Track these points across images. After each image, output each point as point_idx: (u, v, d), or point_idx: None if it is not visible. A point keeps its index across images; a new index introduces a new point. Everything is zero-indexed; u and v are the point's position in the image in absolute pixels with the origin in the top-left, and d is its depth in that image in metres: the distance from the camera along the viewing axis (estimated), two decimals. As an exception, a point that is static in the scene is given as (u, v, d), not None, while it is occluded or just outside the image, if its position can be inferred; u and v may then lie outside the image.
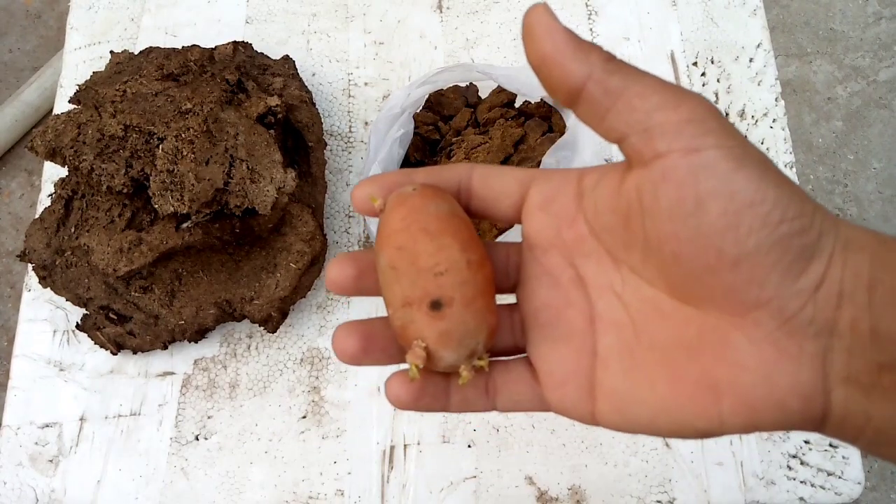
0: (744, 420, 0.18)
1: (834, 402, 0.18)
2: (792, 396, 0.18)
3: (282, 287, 0.44)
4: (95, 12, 0.59)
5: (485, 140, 0.46)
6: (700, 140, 0.17)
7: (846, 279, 0.17)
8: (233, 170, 0.41)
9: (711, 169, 0.17)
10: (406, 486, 0.44)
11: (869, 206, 1.12)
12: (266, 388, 0.47)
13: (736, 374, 0.18)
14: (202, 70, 0.47)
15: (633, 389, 0.20)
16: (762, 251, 0.17)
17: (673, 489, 0.44)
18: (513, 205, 0.22)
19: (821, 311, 0.17)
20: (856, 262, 0.17)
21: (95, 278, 0.45)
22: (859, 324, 0.17)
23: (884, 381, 0.17)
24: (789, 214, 0.17)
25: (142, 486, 0.45)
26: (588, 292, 0.21)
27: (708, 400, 0.18)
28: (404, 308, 0.19)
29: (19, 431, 0.46)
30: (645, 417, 0.19)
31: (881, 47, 1.22)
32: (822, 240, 0.17)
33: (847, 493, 0.44)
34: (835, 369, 0.17)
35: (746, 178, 0.17)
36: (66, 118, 0.43)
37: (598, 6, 0.57)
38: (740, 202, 0.17)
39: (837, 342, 0.17)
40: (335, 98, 0.55)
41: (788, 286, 0.17)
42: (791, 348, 0.18)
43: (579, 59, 0.18)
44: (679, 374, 0.19)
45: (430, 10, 0.58)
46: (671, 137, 0.17)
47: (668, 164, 0.17)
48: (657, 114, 0.17)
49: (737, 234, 0.17)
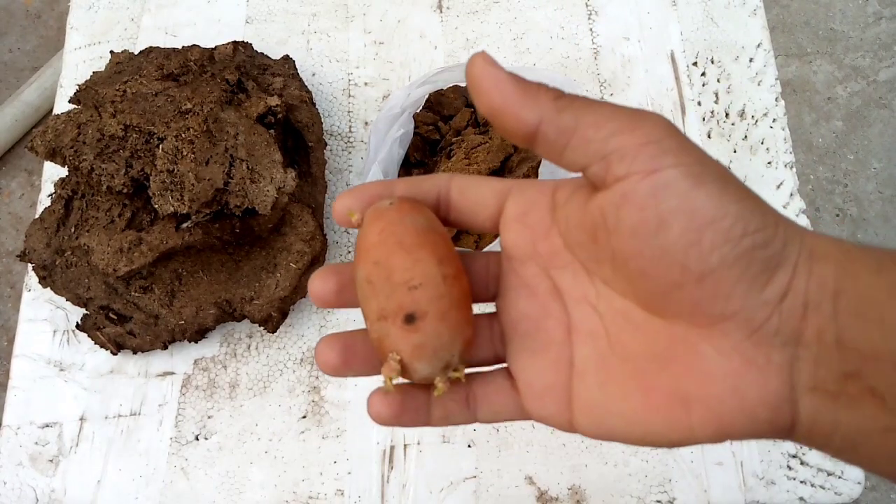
0: (714, 430, 0.18)
1: (802, 410, 0.18)
2: (760, 406, 0.18)
3: (282, 287, 0.44)
4: (95, 12, 0.59)
5: (485, 140, 0.47)
6: (658, 160, 0.17)
7: (811, 289, 0.17)
8: (233, 170, 0.41)
9: (671, 188, 0.17)
10: (406, 486, 0.44)
11: (869, 206, 1.12)
12: (266, 388, 0.47)
13: (705, 385, 0.18)
14: (202, 70, 0.47)
15: (608, 401, 0.20)
16: (726, 265, 0.17)
17: (673, 489, 0.44)
18: (490, 216, 0.22)
19: (786, 322, 0.18)
20: (821, 271, 0.18)
21: (95, 278, 0.45)
22: (825, 333, 0.17)
23: (849, 389, 0.17)
24: (751, 228, 0.17)
25: (142, 486, 0.45)
26: (565, 303, 0.21)
27: (678, 411, 0.19)
28: (380, 322, 0.20)
29: (19, 431, 0.46)
30: (619, 428, 0.20)
31: (881, 47, 1.22)
32: (787, 250, 0.18)
33: (847, 492, 0.44)
34: (802, 379, 0.18)
35: (707, 195, 0.17)
36: (66, 118, 0.43)
37: (598, 6, 0.57)
38: (701, 219, 0.17)
39: (804, 352, 0.18)
40: (335, 98, 0.55)
41: (754, 298, 0.18)
42: (759, 359, 0.18)
43: (528, 105, 0.18)
44: (651, 386, 0.19)
45: (430, 10, 0.58)
46: (629, 161, 0.18)
47: (628, 186, 0.18)
48: (613, 140, 0.18)
49: (700, 251, 0.17)
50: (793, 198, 0.51)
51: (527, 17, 0.57)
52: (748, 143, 0.53)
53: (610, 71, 0.55)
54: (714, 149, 0.53)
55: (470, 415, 0.22)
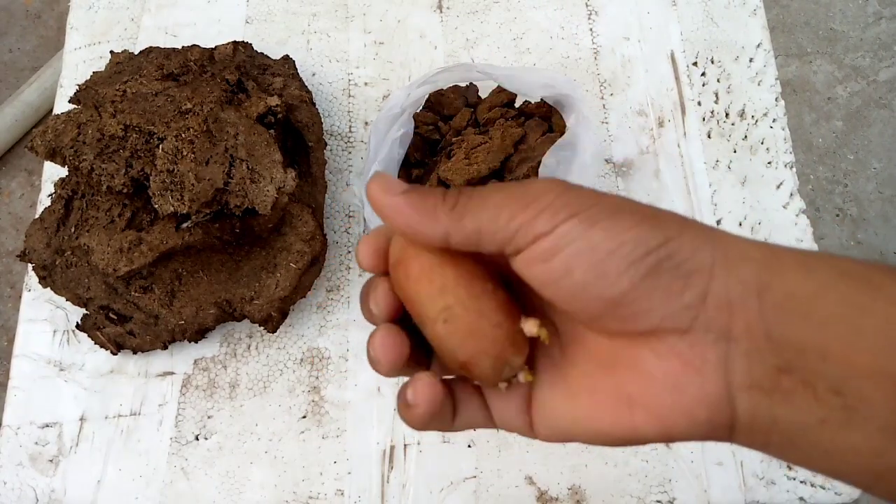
0: (656, 429, 0.20)
1: (739, 409, 0.19)
2: (698, 406, 0.19)
3: (282, 287, 0.44)
4: (95, 12, 0.59)
5: (485, 140, 0.46)
6: (553, 220, 0.19)
7: (732, 287, 0.18)
8: (233, 170, 0.41)
9: (568, 235, 0.19)
10: (406, 486, 0.44)
11: (869, 205, 1.12)
12: (266, 388, 0.47)
13: (646, 386, 0.20)
14: (202, 70, 0.47)
15: (559, 404, 0.22)
16: (636, 286, 0.19)
17: (673, 489, 0.44)
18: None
19: (714, 319, 0.19)
20: (742, 270, 0.19)
21: (95, 278, 0.45)
22: (753, 328, 0.18)
23: (783, 383, 0.18)
24: (652, 246, 0.19)
25: (142, 486, 0.45)
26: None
27: (623, 411, 0.20)
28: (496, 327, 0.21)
29: (19, 431, 0.46)
30: (569, 428, 0.21)
31: (881, 47, 1.22)
32: (697, 256, 0.19)
33: (847, 492, 0.44)
34: (737, 376, 0.19)
35: (602, 230, 0.19)
36: (66, 118, 0.43)
37: (598, 6, 0.57)
38: (601, 252, 0.19)
39: (735, 347, 0.19)
40: (335, 98, 0.55)
41: (674, 303, 0.19)
42: (695, 359, 0.19)
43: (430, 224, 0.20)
44: (597, 389, 0.21)
45: (430, 10, 0.58)
46: (531, 231, 0.19)
47: (535, 248, 0.19)
48: (513, 223, 0.19)
49: (607, 281, 0.19)
50: (793, 198, 0.51)
51: (527, 17, 0.57)
52: (748, 143, 0.53)
53: (610, 71, 0.55)
54: (714, 149, 0.53)
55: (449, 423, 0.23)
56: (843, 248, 1.10)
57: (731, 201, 0.51)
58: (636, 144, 0.53)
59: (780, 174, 0.52)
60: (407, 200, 0.20)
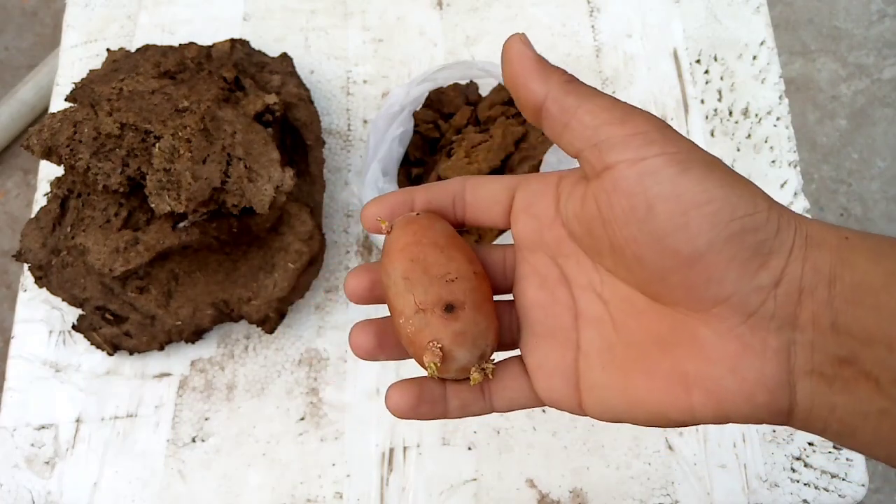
0: (713, 411, 0.19)
1: (799, 394, 0.18)
2: (758, 388, 0.18)
3: (280, 287, 0.43)
4: (92, 10, 0.58)
5: (485, 138, 0.46)
6: (644, 150, 0.18)
7: (806, 275, 0.18)
8: (230, 168, 0.40)
9: (657, 175, 0.18)
10: (406, 489, 0.44)
11: (873, 205, 1.11)
12: (264, 389, 0.46)
13: (704, 367, 0.19)
14: (199, 68, 0.46)
15: (613, 382, 0.21)
16: (715, 249, 0.18)
17: (676, 492, 0.43)
18: (502, 210, 0.23)
19: (782, 307, 0.18)
20: (816, 258, 0.18)
21: (91, 278, 0.44)
22: (820, 318, 0.18)
23: (844, 373, 0.17)
24: (739, 212, 0.18)
25: (138, 488, 0.44)
26: (572, 290, 0.22)
27: (679, 392, 0.19)
28: (418, 314, 0.21)
29: (15, 433, 0.46)
30: (623, 408, 0.21)
31: (885, 45, 1.21)
32: (781, 236, 0.18)
33: (851, 495, 0.43)
34: (798, 363, 0.18)
35: (691, 181, 0.18)
36: (62, 116, 0.42)
37: (600, 3, 0.57)
38: (687, 203, 0.18)
39: (800, 336, 0.18)
40: (334, 96, 0.54)
41: (747, 282, 0.18)
42: (755, 343, 0.18)
43: (541, 79, 0.20)
44: (653, 368, 0.20)
45: (429, 7, 0.57)
46: (618, 150, 0.19)
47: (618, 174, 0.19)
48: (604, 129, 0.19)
49: (688, 234, 0.18)
50: (797, 197, 0.51)
51: (528, 14, 0.57)
52: (752, 141, 0.52)
53: (612, 68, 0.55)
54: (717, 147, 0.52)
55: (486, 404, 0.23)
56: (846, 248, 1.09)
57: (735, 200, 0.51)
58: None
59: (783, 173, 0.51)
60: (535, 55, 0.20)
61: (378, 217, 0.23)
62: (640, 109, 0.19)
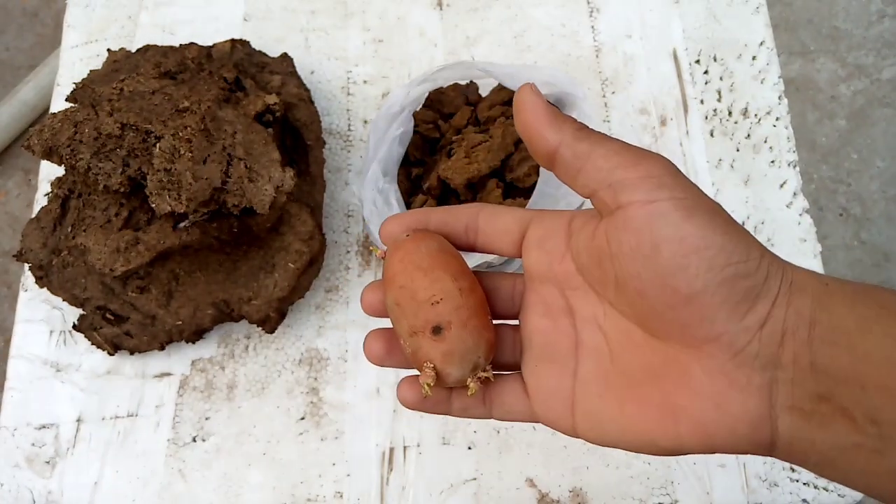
0: (699, 441, 0.20)
1: (780, 428, 0.20)
2: (741, 423, 0.20)
3: (280, 287, 0.43)
4: (92, 10, 0.58)
5: (485, 138, 0.46)
6: (655, 193, 0.20)
7: (789, 318, 0.19)
8: (231, 169, 0.40)
9: (665, 217, 0.20)
10: (406, 489, 0.44)
11: (873, 205, 1.12)
12: (264, 389, 0.46)
13: (692, 400, 0.20)
14: (200, 68, 0.46)
15: (606, 409, 0.22)
16: (709, 291, 0.19)
17: (675, 491, 0.43)
18: (513, 241, 0.25)
19: (766, 347, 0.20)
20: (799, 302, 0.20)
21: (92, 278, 0.45)
22: (800, 358, 0.19)
23: (822, 409, 0.19)
24: (734, 259, 0.19)
25: (139, 487, 0.44)
26: (575, 321, 0.24)
27: (668, 421, 0.21)
28: (412, 337, 0.22)
29: (16, 433, 0.46)
30: (615, 434, 0.22)
31: (885, 45, 1.21)
32: (769, 283, 0.20)
33: (850, 494, 0.43)
34: (780, 399, 0.20)
35: (695, 226, 0.19)
36: (62, 117, 0.42)
37: (600, 3, 0.57)
38: (689, 246, 0.19)
39: (781, 374, 0.20)
40: (334, 96, 0.55)
41: (736, 323, 0.20)
42: (740, 379, 0.20)
43: (554, 128, 0.22)
44: (645, 398, 0.21)
45: (429, 8, 0.57)
46: (630, 191, 0.20)
47: (629, 213, 0.20)
48: (618, 171, 0.20)
49: (687, 275, 0.19)
50: (796, 197, 0.51)
51: (527, 15, 0.57)
52: (751, 141, 0.52)
53: (612, 69, 0.55)
54: (717, 147, 0.52)
55: (486, 411, 0.25)
56: (846, 248, 1.09)
57: (735, 200, 0.51)
58: (638, 143, 0.52)
59: (783, 173, 0.51)
60: (546, 105, 0.22)
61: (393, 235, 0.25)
62: (651, 152, 0.21)
